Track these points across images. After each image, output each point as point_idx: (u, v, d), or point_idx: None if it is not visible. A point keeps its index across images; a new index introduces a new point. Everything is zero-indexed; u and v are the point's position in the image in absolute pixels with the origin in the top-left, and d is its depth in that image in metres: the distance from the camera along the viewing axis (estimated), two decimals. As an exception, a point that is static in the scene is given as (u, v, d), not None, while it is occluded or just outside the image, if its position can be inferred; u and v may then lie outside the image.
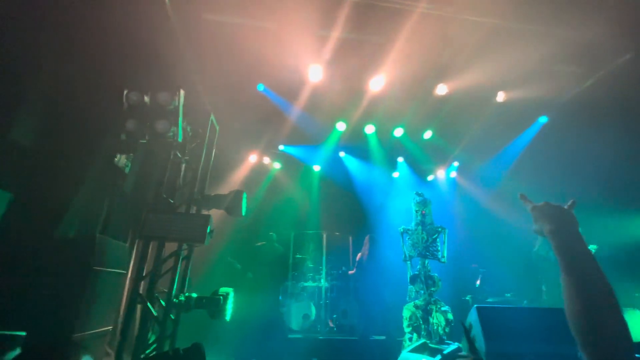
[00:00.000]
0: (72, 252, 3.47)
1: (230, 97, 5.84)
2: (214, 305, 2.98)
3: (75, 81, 3.66)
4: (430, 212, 4.17)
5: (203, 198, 3.44)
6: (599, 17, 4.15)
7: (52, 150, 3.61)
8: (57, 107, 3.63)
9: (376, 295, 5.39)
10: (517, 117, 6.28)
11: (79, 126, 3.77)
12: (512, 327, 2.92)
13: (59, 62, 3.55)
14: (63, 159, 3.73)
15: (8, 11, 2.96)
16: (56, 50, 3.53)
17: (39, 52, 3.44)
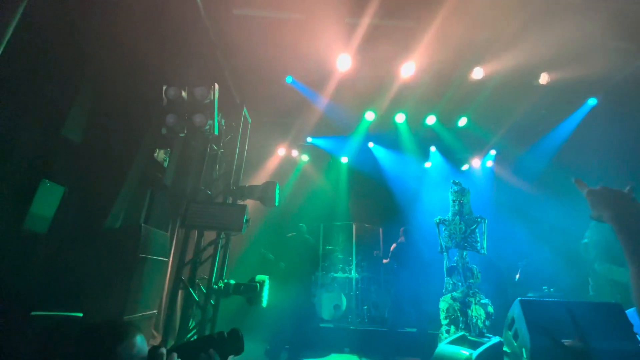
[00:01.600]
0: (120, 241, 3.73)
1: (260, 90, 5.91)
2: (251, 291, 3.08)
3: (118, 80, 3.88)
4: (469, 202, 4.01)
5: (238, 189, 3.54)
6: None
7: (99, 146, 3.86)
8: (102, 105, 3.88)
9: (409, 287, 5.31)
10: (561, 100, 5.81)
11: (123, 123, 4.01)
12: (559, 321, 2.76)
13: (103, 63, 3.77)
14: (109, 154, 3.99)
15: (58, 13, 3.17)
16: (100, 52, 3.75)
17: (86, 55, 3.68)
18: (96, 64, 3.73)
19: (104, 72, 3.77)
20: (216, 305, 3.27)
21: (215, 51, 5.03)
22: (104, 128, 3.89)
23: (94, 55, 3.71)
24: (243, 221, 2.92)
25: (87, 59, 3.69)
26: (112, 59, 3.81)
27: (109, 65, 3.79)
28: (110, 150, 4.00)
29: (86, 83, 3.76)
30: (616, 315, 2.87)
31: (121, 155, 4.07)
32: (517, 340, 2.86)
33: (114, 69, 3.82)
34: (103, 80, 3.81)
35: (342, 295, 6.89)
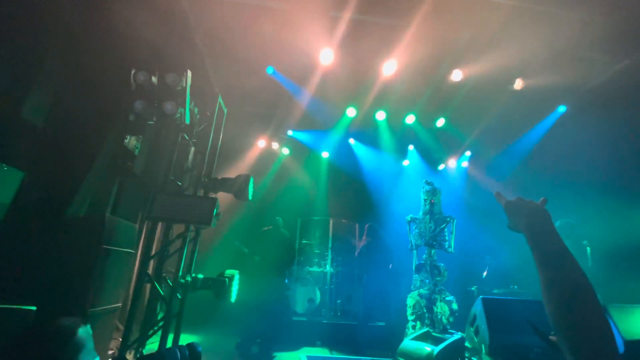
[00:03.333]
0: (83, 231, 3.56)
1: (240, 80, 5.77)
2: (219, 286, 3.03)
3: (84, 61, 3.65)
4: (439, 202, 4.10)
5: (210, 181, 3.44)
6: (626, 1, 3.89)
7: (63, 130, 3.64)
8: (66, 87, 3.64)
9: (379, 283, 5.41)
10: (534, 106, 6.04)
11: (89, 107, 3.79)
12: (518, 318, 2.89)
13: (67, 41, 3.53)
14: (75, 139, 3.78)
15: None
16: (65, 30, 3.51)
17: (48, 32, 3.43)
18: (62, 41, 3.50)
19: (70, 50, 3.54)
20: (183, 299, 3.19)
21: (195, 37, 4.85)
22: (70, 111, 3.67)
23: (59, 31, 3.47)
24: (213, 214, 2.85)
25: (52, 35, 3.45)
26: (77, 38, 3.58)
27: (76, 43, 3.55)
28: (75, 134, 3.78)
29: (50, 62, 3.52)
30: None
31: (87, 140, 3.86)
32: (477, 336, 2.97)
33: (81, 47, 3.59)
34: (69, 60, 3.58)
35: (316, 289, 6.94)
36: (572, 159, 6.34)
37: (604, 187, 5.75)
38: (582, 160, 6.16)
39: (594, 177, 5.96)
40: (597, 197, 5.76)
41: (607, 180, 5.74)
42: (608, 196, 5.55)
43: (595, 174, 5.94)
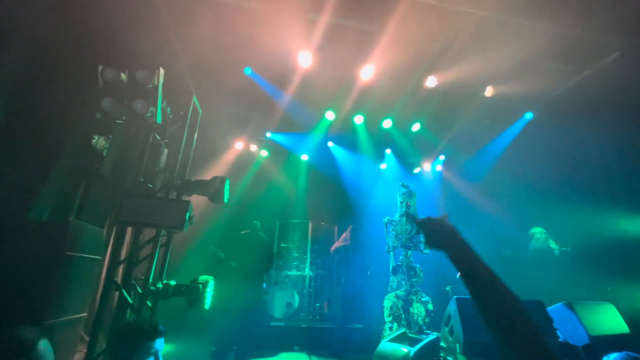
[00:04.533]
0: (43, 237, 3.33)
1: (216, 80, 5.65)
2: (192, 293, 2.91)
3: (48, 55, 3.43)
4: (415, 204, 4.19)
5: (183, 183, 3.32)
6: (588, 14, 4.16)
7: (21, 129, 3.40)
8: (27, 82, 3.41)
9: (357, 285, 5.43)
10: (503, 112, 6.33)
11: (52, 104, 3.56)
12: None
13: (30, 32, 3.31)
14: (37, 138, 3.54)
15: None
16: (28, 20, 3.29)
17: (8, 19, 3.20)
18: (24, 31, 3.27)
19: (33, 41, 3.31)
20: (154, 307, 3.04)
21: (169, 34, 4.70)
22: (28, 108, 3.43)
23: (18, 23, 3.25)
24: (185, 218, 2.74)
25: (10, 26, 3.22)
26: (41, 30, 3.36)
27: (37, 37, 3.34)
28: (36, 133, 3.54)
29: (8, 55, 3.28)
30: (539, 311, 3.17)
31: (50, 139, 3.63)
32: (452, 335, 3.04)
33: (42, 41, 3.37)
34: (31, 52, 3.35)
35: (295, 293, 6.87)
36: (538, 164, 6.70)
37: (567, 190, 6.11)
38: (547, 164, 6.52)
39: (558, 180, 6.32)
40: (561, 200, 6.11)
41: (570, 184, 6.10)
42: (571, 199, 5.90)
43: (559, 178, 6.30)
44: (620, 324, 3.43)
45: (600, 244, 5.30)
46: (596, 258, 5.44)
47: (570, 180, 6.08)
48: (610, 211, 5.21)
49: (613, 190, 5.39)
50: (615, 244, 5.17)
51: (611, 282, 5.18)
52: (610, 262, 5.28)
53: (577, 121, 5.81)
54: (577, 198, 5.82)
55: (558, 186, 6.32)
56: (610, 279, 5.20)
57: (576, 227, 5.63)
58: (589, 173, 5.78)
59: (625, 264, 5.23)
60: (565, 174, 6.18)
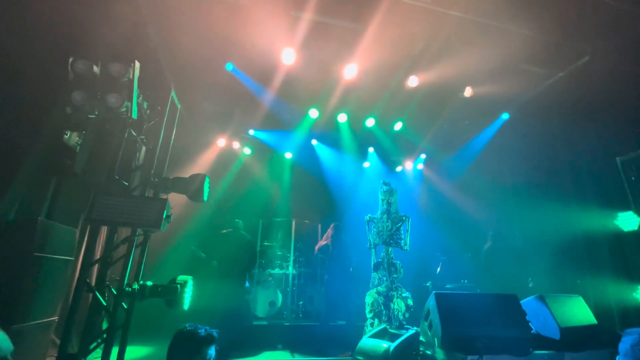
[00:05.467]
0: (12, 237, 3.16)
1: (197, 75, 5.52)
2: (170, 293, 2.83)
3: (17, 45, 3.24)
4: (396, 202, 4.25)
5: (161, 181, 3.22)
6: (560, 20, 4.34)
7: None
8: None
9: (340, 282, 5.46)
10: (481, 112, 6.52)
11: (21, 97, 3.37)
12: (466, 311, 3.07)
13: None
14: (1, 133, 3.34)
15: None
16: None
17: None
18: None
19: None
20: (129, 309, 2.94)
21: (147, 26, 4.54)
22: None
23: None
24: (162, 217, 2.65)
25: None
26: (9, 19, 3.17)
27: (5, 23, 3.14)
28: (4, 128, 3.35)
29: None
30: (512, 305, 3.29)
31: (18, 134, 3.44)
32: (431, 330, 3.10)
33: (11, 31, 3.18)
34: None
35: (277, 292, 6.83)
36: (513, 163, 6.95)
37: (539, 188, 6.37)
38: (521, 163, 6.77)
39: (531, 179, 6.57)
40: (533, 197, 6.37)
41: (542, 182, 6.36)
42: (543, 197, 6.15)
43: (532, 177, 6.55)
44: (588, 316, 3.60)
45: (570, 240, 5.55)
46: (566, 253, 5.70)
47: (542, 178, 6.33)
48: (579, 208, 5.46)
49: (582, 188, 5.65)
50: (584, 239, 5.42)
51: (580, 276, 5.44)
52: (579, 256, 5.54)
53: (550, 122, 6.06)
54: (548, 196, 6.07)
55: (531, 184, 6.58)
56: (580, 273, 5.46)
57: (548, 223, 5.88)
58: (560, 172, 6.03)
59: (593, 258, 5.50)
60: (537, 173, 6.44)
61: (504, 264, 5.55)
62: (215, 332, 1.87)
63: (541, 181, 6.34)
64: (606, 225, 4.99)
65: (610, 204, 5.01)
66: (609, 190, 5.17)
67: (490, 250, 5.85)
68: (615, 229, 4.91)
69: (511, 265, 5.56)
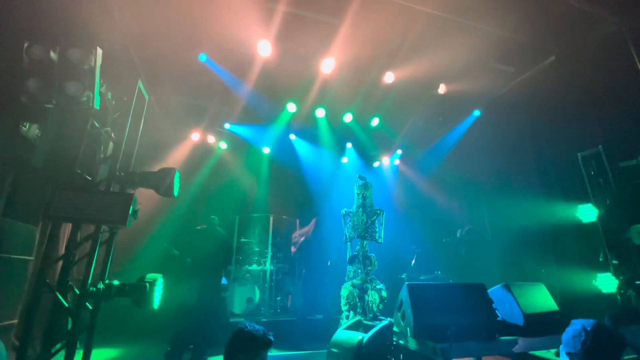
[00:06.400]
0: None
1: (167, 65, 5.32)
2: (138, 292, 2.73)
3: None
4: (371, 196, 4.30)
5: (127, 175, 3.07)
6: (527, 20, 4.52)
7: None
8: None
9: (318, 276, 5.50)
10: (454, 109, 6.70)
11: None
12: (437, 301, 3.17)
13: None
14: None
15: None
16: None
17: None
18: None
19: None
20: (95, 310, 2.80)
21: (113, 12, 4.30)
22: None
23: None
24: (128, 213, 2.54)
25: None
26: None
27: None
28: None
29: None
30: (480, 293, 3.42)
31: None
32: (404, 320, 3.18)
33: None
34: None
35: (255, 288, 6.78)
36: (483, 157, 7.22)
37: (507, 182, 6.66)
38: (490, 158, 7.05)
39: (500, 173, 6.86)
40: (501, 191, 6.65)
41: (509, 176, 6.64)
42: (512, 191, 6.44)
43: (500, 171, 6.83)
44: (550, 302, 3.80)
45: (537, 231, 5.84)
46: (533, 243, 6.01)
47: (511, 173, 6.62)
48: (544, 201, 5.75)
49: (547, 182, 5.96)
50: (549, 230, 5.72)
51: (545, 265, 5.75)
52: (544, 246, 5.84)
53: (518, 119, 6.33)
54: (516, 189, 6.36)
55: (499, 179, 6.87)
56: (545, 262, 5.77)
57: (515, 216, 6.17)
58: (526, 167, 6.32)
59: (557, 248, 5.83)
60: (506, 168, 6.72)
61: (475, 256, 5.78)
62: (271, 336, 1.85)
63: (509, 176, 6.63)
64: (569, 217, 5.27)
65: (573, 197, 5.30)
66: (571, 184, 5.47)
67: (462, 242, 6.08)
68: (576, 221, 5.20)
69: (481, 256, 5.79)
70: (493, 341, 3.11)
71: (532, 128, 6.18)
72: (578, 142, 5.23)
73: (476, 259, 5.68)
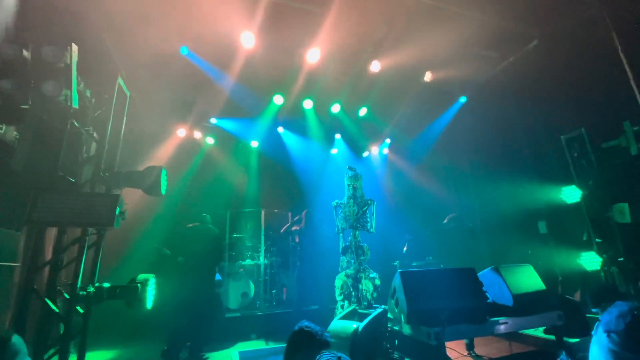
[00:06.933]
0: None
1: (150, 60, 5.15)
2: (130, 294, 2.69)
3: None
4: (361, 186, 4.32)
5: (112, 175, 3.00)
6: (509, 5, 4.53)
7: None
8: None
9: (312, 268, 5.53)
10: (441, 96, 6.74)
11: None
12: (429, 287, 3.24)
13: None
14: None
15: None
16: None
17: None
18: None
19: None
20: (86, 314, 2.76)
21: (87, 6, 4.12)
22: None
23: None
24: (115, 214, 2.48)
25: None
26: None
27: None
28: None
29: None
30: (471, 277, 3.51)
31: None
32: (397, 307, 3.24)
33: None
34: None
35: (250, 282, 6.78)
36: (470, 143, 7.31)
37: (495, 167, 6.78)
38: (478, 143, 7.15)
39: (488, 159, 6.97)
40: (490, 175, 6.77)
41: (497, 161, 6.76)
42: (499, 175, 6.56)
43: (489, 157, 6.94)
44: (537, 282, 3.92)
45: (524, 213, 5.99)
46: (521, 226, 6.17)
47: (497, 158, 6.74)
48: (531, 184, 5.88)
49: (533, 165, 6.09)
50: (536, 212, 5.87)
51: (532, 246, 5.92)
52: (531, 228, 6.01)
53: (503, 104, 6.41)
54: (503, 174, 6.49)
55: (486, 164, 6.99)
56: (532, 243, 5.94)
57: (503, 200, 6.31)
58: (513, 151, 6.44)
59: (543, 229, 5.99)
60: (492, 153, 6.84)
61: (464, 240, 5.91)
62: (329, 337, 1.98)
63: (496, 160, 6.75)
64: (554, 199, 5.40)
65: (558, 179, 5.43)
66: (556, 167, 5.60)
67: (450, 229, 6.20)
68: (561, 202, 5.33)
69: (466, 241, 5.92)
70: (484, 323, 3.21)
71: (517, 113, 6.27)
72: (562, 125, 5.33)
73: (463, 244, 5.82)
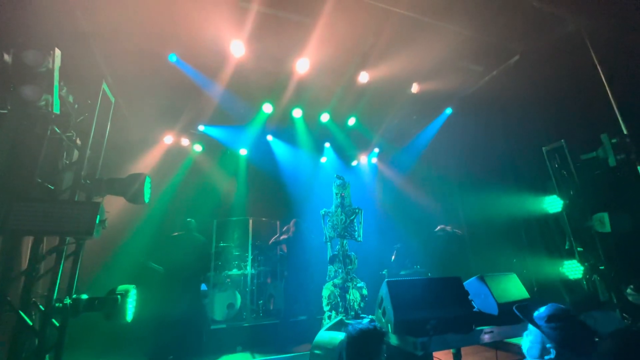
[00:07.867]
0: None
1: (137, 66, 5.11)
2: (109, 306, 2.59)
3: None
4: (349, 195, 4.32)
5: (93, 183, 2.91)
6: (492, 21, 4.71)
7: None
8: None
9: (300, 277, 5.47)
10: (428, 107, 6.88)
11: None
12: (416, 296, 3.24)
13: None
14: None
15: None
16: None
17: None
18: None
19: None
20: (62, 327, 2.63)
21: (75, 10, 4.07)
22: None
23: None
24: (95, 223, 2.40)
25: None
26: None
27: None
28: None
29: None
30: (457, 286, 3.52)
31: None
32: (384, 316, 3.21)
33: None
34: None
35: (236, 293, 6.64)
36: (456, 154, 7.46)
37: (480, 177, 6.92)
38: (463, 154, 7.30)
39: (473, 169, 7.12)
40: (476, 186, 6.90)
41: (481, 171, 6.91)
42: (484, 185, 6.69)
43: (474, 167, 7.09)
44: (521, 291, 3.96)
45: (509, 223, 6.10)
46: (505, 235, 6.28)
47: (482, 168, 6.89)
48: (515, 194, 6.01)
49: (516, 175, 6.24)
50: (521, 222, 6.00)
51: (517, 255, 6.02)
52: (516, 238, 6.12)
53: (487, 116, 6.59)
54: (488, 184, 6.63)
55: (472, 174, 7.13)
56: (517, 252, 6.04)
57: (488, 210, 6.42)
58: (497, 162, 6.60)
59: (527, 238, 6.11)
60: (477, 164, 6.99)
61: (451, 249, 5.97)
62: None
63: (481, 171, 6.90)
64: (537, 209, 5.53)
65: (540, 190, 5.57)
66: (538, 177, 5.75)
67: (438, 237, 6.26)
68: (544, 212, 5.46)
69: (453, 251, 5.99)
70: (470, 332, 3.20)
71: (500, 124, 6.44)
72: (543, 137, 5.50)
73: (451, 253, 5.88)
